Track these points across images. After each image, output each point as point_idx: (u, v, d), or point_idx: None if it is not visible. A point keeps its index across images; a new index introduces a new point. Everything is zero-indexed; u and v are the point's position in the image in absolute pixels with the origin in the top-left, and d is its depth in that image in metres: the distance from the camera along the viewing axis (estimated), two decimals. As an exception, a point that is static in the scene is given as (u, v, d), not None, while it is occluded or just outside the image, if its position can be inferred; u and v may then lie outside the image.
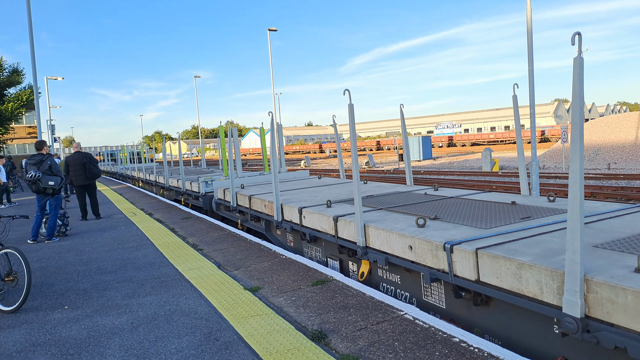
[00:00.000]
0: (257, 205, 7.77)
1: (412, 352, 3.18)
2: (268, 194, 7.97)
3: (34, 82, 19.18)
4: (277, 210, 6.79)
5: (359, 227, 4.78)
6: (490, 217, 4.65)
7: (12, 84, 31.39)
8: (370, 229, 4.70)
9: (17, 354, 3.68)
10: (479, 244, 3.59)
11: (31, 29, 18.20)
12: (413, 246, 4.08)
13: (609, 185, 14.89)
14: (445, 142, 62.33)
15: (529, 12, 12.00)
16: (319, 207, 6.09)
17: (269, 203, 7.21)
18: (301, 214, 6.13)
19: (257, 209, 7.75)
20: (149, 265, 6.19)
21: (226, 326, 3.91)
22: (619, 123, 24.90)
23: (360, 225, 4.76)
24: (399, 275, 4.63)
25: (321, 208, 5.97)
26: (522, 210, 4.90)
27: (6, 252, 4.96)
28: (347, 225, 5.12)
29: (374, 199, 6.49)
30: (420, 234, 4.08)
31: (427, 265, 3.97)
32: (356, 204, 4.76)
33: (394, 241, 4.35)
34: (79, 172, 10.57)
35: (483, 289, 3.43)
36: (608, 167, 21.40)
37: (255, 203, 7.84)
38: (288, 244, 7.05)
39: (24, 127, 43.06)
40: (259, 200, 7.64)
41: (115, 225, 9.81)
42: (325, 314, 4.00)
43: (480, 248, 3.48)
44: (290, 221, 6.55)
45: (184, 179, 13.25)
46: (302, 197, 7.19)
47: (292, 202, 6.75)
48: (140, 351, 3.54)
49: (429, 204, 5.67)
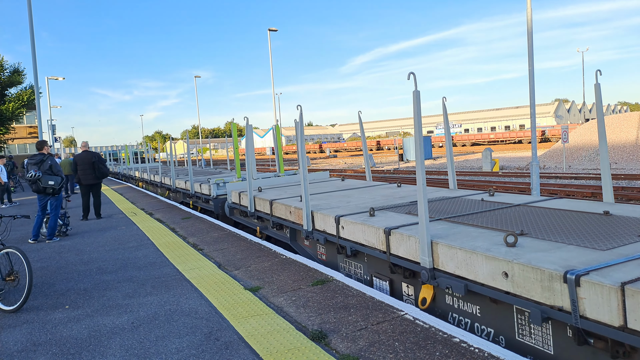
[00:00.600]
0: (280, 212, 6.94)
1: (413, 352, 3.18)
2: (292, 199, 7.16)
3: (35, 82, 19.20)
4: (307, 219, 5.94)
5: (424, 243, 3.90)
6: (591, 232, 3.83)
7: (13, 83, 31.43)
8: (441, 247, 3.83)
9: (18, 353, 3.68)
10: (620, 275, 2.73)
11: (32, 29, 18.22)
12: (510, 273, 3.21)
13: (609, 186, 14.86)
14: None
15: (529, 12, 12.00)
16: (360, 215, 5.28)
17: (295, 209, 6.40)
18: (338, 223, 5.31)
19: (280, 215, 6.94)
20: (149, 265, 6.20)
21: (226, 326, 3.91)
22: (620, 123, 24.89)
23: (426, 241, 3.89)
24: (478, 306, 3.76)
25: (363, 217, 5.16)
26: (626, 223, 4.05)
27: (7, 252, 4.97)
28: (405, 240, 4.24)
29: None
30: (519, 257, 3.24)
31: (532, 299, 3.08)
32: (421, 215, 3.89)
33: (477, 265, 3.49)
34: (88, 171, 10.65)
35: (632, 338, 2.54)
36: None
37: (277, 209, 7.03)
38: (319, 256, 6.22)
39: (24, 127, 43.10)
40: (282, 206, 6.83)
41: (115, 225, 9.82)
42: (325, 314, 4.00)
43: (629, 282, 2.60)
44: (324, 231, 5.70)
45: (192, 181, 12.40)
46: (333, 203, 6.44)
47: (324, 209, 5.93)
48: (141, 351, 3.55)
49: (495, 214, 4.85)
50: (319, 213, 5.79)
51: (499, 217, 4.71)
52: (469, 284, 3.58)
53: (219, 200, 10.51)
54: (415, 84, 3.97)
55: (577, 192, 13.82)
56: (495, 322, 3.62)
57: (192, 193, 12.29)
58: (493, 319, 3.63)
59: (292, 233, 6.86)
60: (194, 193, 12.23)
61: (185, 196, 13.59)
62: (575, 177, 17.89)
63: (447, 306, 4.07)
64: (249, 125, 8.54)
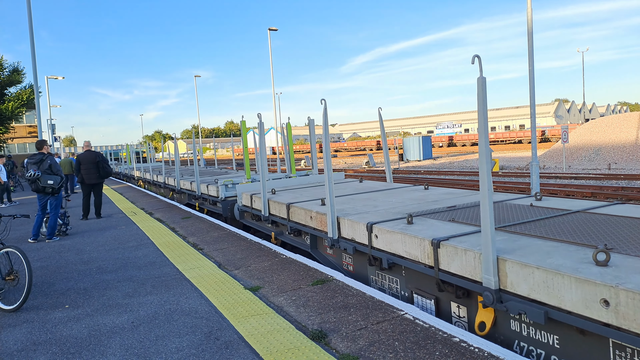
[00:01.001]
0: (299, 217, 6.37)
1: (412, 352, 3.19)
2: (311, 203, 6.56)
3: (35, 81, 19.20)
4: (332, 225, 5.35)
5: (489, 260, 3.30)
6: None
7: (13, 83, 31.42)
8: (510, 265, 3.24)
9: (18, 352, 3.68)
10: None
11: (31, 28, 18.22)
12: (613, 301, 2.66)
13: (609, 186, 14.89)
14: (446, 142, 62.34)
15: (530, 12, 12.00)
16: (395, 223, 4.68)
17: (318, 215, 5.81)
18: (371, 231, 4.71)
19: (299, 220, 6.35)
20: (149, 265, 6.20)
21: (226, 325, 3.91)
22: (620, 123, 24.90)
23: (491, 257, 3.29)
24: (557, 336, 3.18)
25: (399, 225, 4.56)
26: None
27: (7, 251, 4.96)
28: (459, 254, 3.64)
29: (461, 212, 5.04)
30: (621, 280, 2.67)
31: None
32: (486, 227, 3.30)
33: (563, 288, 2.91)
34: (92, 170, 10.69)
35: None
36: (608, 167, 21.40)
37: (296, 213, 6.44)
38: (344, 267, 5.64)
39: (24, 127, 43.10)
40: (302, 211, 6.24)
41: (115, 225, 9.82)
42: (325, 314, 4.00)
43: None
44: (352, 240, 5.11)
45: (199, 182, 11.66)
46: (359, 207, 5.85)
47: (351, 215, 5.34)
48: (141, 350, 3.55)
49: (555, 222, 4.28)
50: (347, 219, 5.19)
51: (563, 226, 4.11)
52: (551, 310, 2.99)
53: (227, 202, 9.95)
54: (480, 68, 3.43)
55: (577, 192, 13.83)
56: (582, 356, 3.03)
57: (199, 195, 11.62)
58: (579, 352, 3.04)
59: (313, 240, 6.27)
60: (200, 194, 11.60)
61: (190, 198, 13.03)
62: (575, 177, 17.90)
63: (513, 333, 3.48)
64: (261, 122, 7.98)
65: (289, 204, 6.65)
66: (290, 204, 6.63)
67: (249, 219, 8.57)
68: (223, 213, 9.91)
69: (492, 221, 3.29)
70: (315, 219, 5.89)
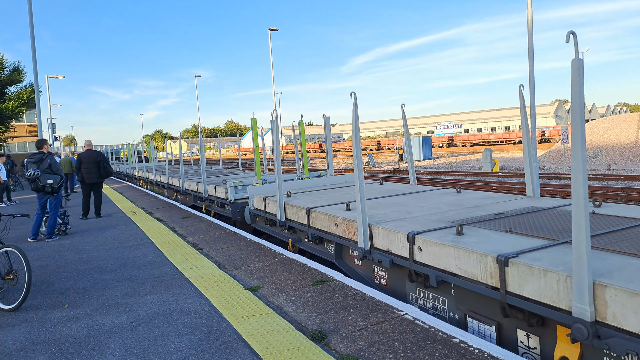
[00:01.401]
0: (321, 223, 5.81)
1: (412, 353, 3.18)
2: (334, 207, 6.00)
3: (35, 80, 19.20)
4: (364, 234, 4.75)
5: (583, 285, 2.73)
6: None
7: (13, 82, 31.43)
8: (612, 293, 2.65)
9: (17, 352, 3.68)
10: None
11: (32, 27, 18.21)
12: None
13: (609, 186, 14.89)
14: (446, 142, 62.34)
15: (530, 12, 12.00)
16: (442, 233, 4.12)
17: (344, 221, 5.24)
18: (413, 243, 4.13)
19: (322, 227, 5.80)
20: (148, 264, 6.19)
21: (226, 326, 3.91)
22: (620, 124, 24.91)
23: (585, 282, 2.71)
24: None
25: (448, 236, 3.99)
26: None
27: (6, 251, 4.96)
28: (536, 275, 3.06)
29: (514, 221, 4.45)
30: None
31: None
32: (580, 244, 2.76)
33: None
34: (92, 169, 10.70)
35: None
36: (608, 167, 21.40)
37: (318, 219, 5.87)
38: (376, 281, 5.07)
39: (24, 126, 43.10)
40: (324, 216, 5.69)
41: (115, 224, 9.82)
42: (325, 314, 4.00)
43: None
44: (389, 252, 4.51)
45: (205, 183, 11.06)
46: (390, 214, 5.30)
47: (385, 222, 4.77)
48: (140, 350, 3.55)
49: (635, 234, 3.71)
50: (381, 228, 4.61)
51: None
52: None
53: (237, 205, 9.34)
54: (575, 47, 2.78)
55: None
56: None
57: (205, 196, 11.01)
58: None
59: (338, 249, 5.70)
60: (207, 196, 10.96)
61: (196, 199, 12.46)
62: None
63: None
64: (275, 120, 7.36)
65: (309, 208, 6.08)
66: (311, 208, 6.06)
67: (262, 223, 8.01)
68: (232, 216, 9.40)
69: (588, 237, 2.76)
70: (342, 226, 5.32)
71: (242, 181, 9.70)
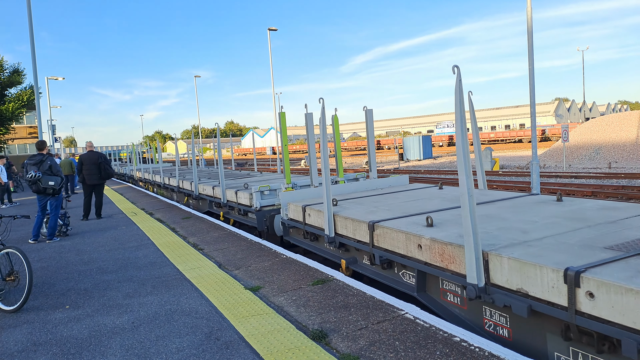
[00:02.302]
0: (393, 243, 4.46)
1: (413, 352, 3.18)
2: (408, 222, 4.64)
3: (35, 82, 19.20)
4: (476, 266, 3.40)
5: None
6: None
7: (13, 84, 31.48)
8: None
9: (18, 353, 3.68)
10: None
11: (31, 29, 18.22)
12: None
13: (609, 185, 14.88)
14: (446, 141, 62.32)
15: (529, 11, 11.99)
16: (618, 269, 2.81)
17: (434, 244, 3.91)
18: (577, 286, 2.82)
19: (395, 249, 4.44)
20: (149, 265, 6.20)
21: (227, 325, 3.91)
22: (620, 122, 24.90)
23: None
24: None
25: (625, 272, 2.76)
26: None
27: (7, 252, 4.97)
28: None
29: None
30: None
31: None
32: None
33: None
34: (94, 171, 10.72)
35: None
36: (609, 166, 21.39)
37: (387, 237, 4.54)
38: (488, 327, 3.68)
39: (24, 127, 43.13)
40: (399, 235, 4.35)
41: (116, 225, 9.83)
42: (325, 314, 4.00)
43: None
44: (522, 293, 3.18)
45: (224, 187, 9.79)
46: (495, 233, 3.96)
47: (504, 248, 3.47)
48: (142, 351, 3.55)
49: None
50: (506, 258, 3.28)
51: None
52: None
53: (263, 213, 8.17)
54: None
55: (578, 192, 13.83)
56: None
57: (224, 202, 9.76)
58: None
59: (421, 280, 4.25)
60: (226, 202, 9.74)
61: (212, 205, 11.09)
62: (575, 176, 17.89)
63: None
64: (323, 110, 6.09)
65: (372, 222, 4.75)
66: (375, 223, 4.72)
67: (299, 237, 6.72)
68: (258, 226, 8.17)
69: None
70: (430, 250, 3.99)
71: (269, 185, 8.50)
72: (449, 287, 4.04)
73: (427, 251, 4.04)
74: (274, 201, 8.39)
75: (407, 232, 4.27)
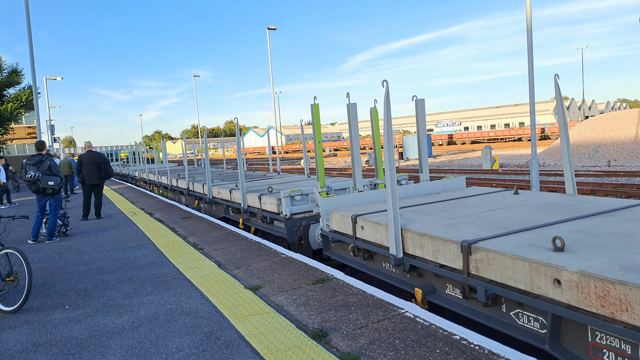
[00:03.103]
0: (505, 273, 3.29)
1: (413, 350, 3.18)
2: (514, 241, 3.53)
3: (33, 82, 19.19)
4: None
5: None
6: None
7: (12, 84, 31.45)
8: None
9: (18, 354, 3.68)
10: None
11: (30, 29, 18.20)
12: None
13: (609, 183, 14.89)
14: (445, 140, 62.33)
15: (529, 9, 11.99)
16: None
17: (584, 279, 2.77)
18: None
19: (518, 285, 3.21)
20: (149, 265, 6.19)
21: (227, 325, 3.91)
22: (619, 120, 24.90)
23: None
24: None
25: None
26: None
27: (7, 253, 4.96)
28: None
29: None
30: None
31: None
32: None
33: None
34: (93, 171, 10.72)
35: None
36: (608, 164, 21.40)
37: (494, 264, 3.38)
38: None
39: (23, 128, 43.12)
40: (518, 263, 3.19)
41: (115, 225, 9.82)
42: (326, 313, 4.00)
43: None
44: None
45: (244, 191, 8.61)
46: None
47: None
48: (142, 350, 3.55)
49: None
50: None
51: None
52: None
53: (294, 222, 7.05)
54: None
55: (577, 190, 13.83)
56: None
57: (245, 208, 8.63)
58: None
59: (556, 327, 3.05)
60: (246, 208, 8.61)
61: (229, 210, 9.90)
62: (575, 175, 17.89)
63: None
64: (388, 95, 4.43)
65: (467, 243, 3.58)
66: (471, 243, 3.56)
67: (345, 253, 5.56)
68: (288, 238, 7.07)
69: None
70: (578, 288, 2.83)
71: (300, 190, 7.32)
72: (608, 342, 2.80)
73: (573, 290, 2.87)
74: (305, 207, 7.23)
75: (531, 261, 3.09)
